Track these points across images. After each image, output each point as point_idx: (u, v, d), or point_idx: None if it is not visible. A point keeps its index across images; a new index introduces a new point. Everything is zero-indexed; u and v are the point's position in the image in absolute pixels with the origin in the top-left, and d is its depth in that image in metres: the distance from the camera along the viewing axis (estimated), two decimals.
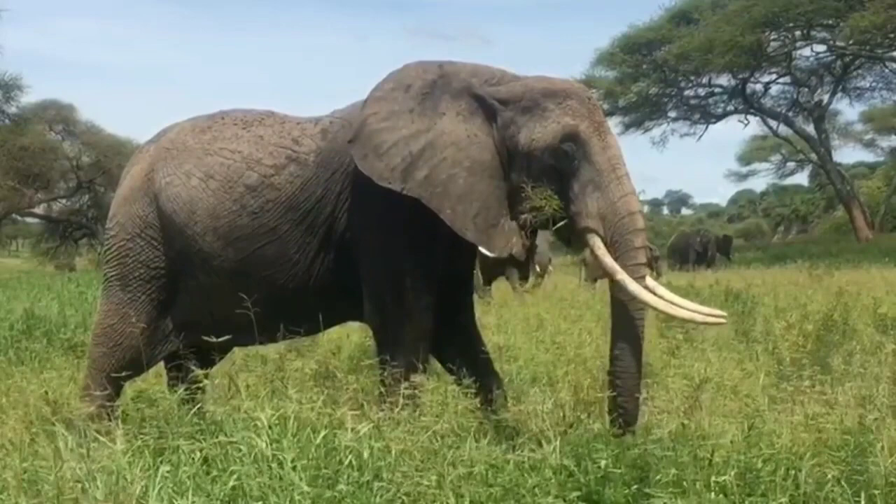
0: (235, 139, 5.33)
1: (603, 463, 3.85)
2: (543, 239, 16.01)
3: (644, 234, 4.80)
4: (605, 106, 39.35)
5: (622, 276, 4.64)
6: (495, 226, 4.92)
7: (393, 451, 3.90)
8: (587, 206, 4.76)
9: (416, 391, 4.65)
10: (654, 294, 4.72)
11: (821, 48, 39.92)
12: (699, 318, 4.81)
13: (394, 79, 5.13)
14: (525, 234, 4.96)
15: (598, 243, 4.75)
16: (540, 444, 4.13)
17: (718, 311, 4.90)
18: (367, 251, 5.09)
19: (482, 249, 5.13)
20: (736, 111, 44.05)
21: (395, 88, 5.07)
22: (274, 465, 3.74)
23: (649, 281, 4.80)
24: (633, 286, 4.63)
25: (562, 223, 4.84)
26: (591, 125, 4.85)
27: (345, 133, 5.16)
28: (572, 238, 5.00)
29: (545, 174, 4.83)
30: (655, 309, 4.71)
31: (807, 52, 40.63)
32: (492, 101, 4.97)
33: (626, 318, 4.74)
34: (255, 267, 5.17)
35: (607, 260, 4.70)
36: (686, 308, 4.81)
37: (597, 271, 13.59)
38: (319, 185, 5.13)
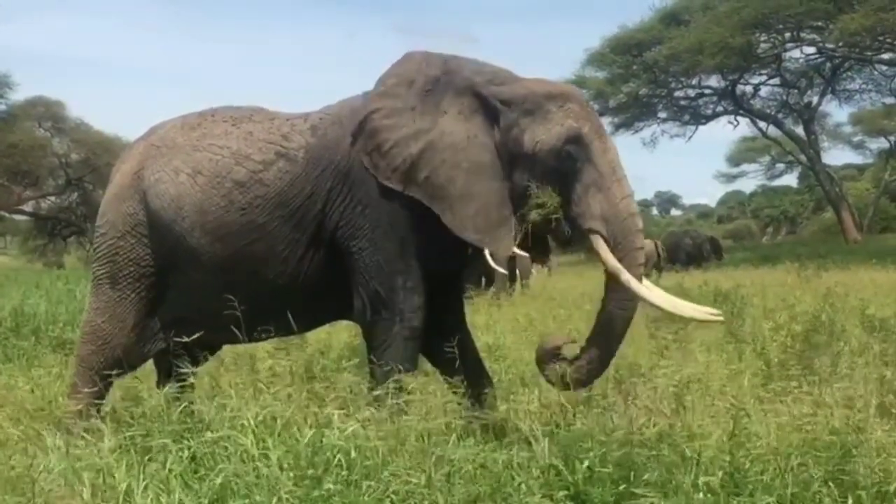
0: (224, 135, 5.31)
1: (590, 462, 3.87)
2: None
3: (642, 234, 4.97)
4: (596, 106, 39.25)
5: (627, 276, 4.76)
6: (498, 225, 4.97)
7: (381, 450, 3.90)
8: (590, 208, 4.86)
9: (405, 390, 4.65)
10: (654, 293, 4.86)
11: (810, 50, 40.06)
12: (699, 315, 4.98)
13: (398, 73, 5.14)
14: (518, 235, 5.01)
15: (601, 244, 4.85)
16: (528, 444, 4.13)
17: (715, 311, 5.04)
18: (357, 250, 5.08)
19: (484, 249, 5.22)
20: (726, 112, 44.17)
21: (398, 84, 5.09)
22: (261, 464, 3.74)
23: (646, 282, 4.95)
24: (636, 285, 4.77)
25: (556, 224, 4.93)
26: (592, 128, 4.95)
27: (335, 130, 5.17)
28: (573, 237, 5.05)
29: (548, 175, 4.90)
30: (656, 306, 4.86)
31: (796, 53, 40.79)
32: (494, 102, 5.00)
33: (612, 314, 4.88)
34: (243, 263, 5.15)
35: (611, 261, 4.81)
36: (685, 307, 4.96)
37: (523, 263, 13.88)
38: (309, 181, 5.12)
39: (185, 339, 5.07)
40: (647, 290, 4.83)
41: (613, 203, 4.86)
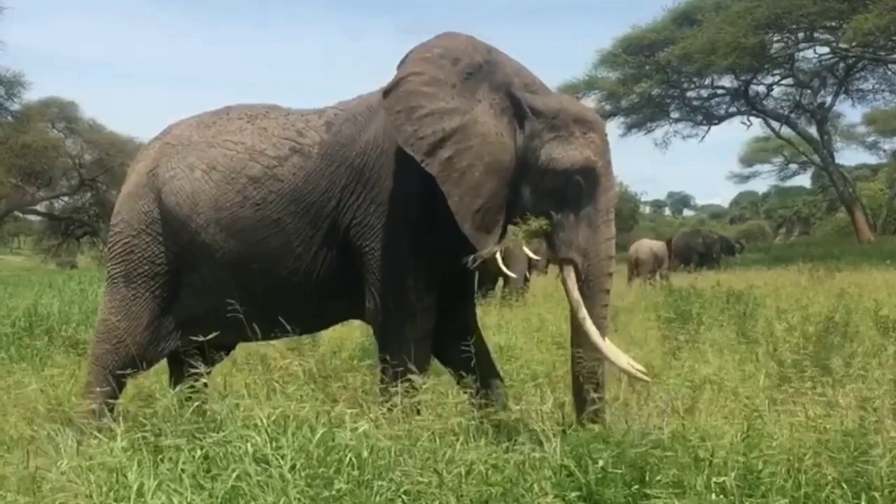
0: (239, 132, 5.33)
1: (603, 463, 3.86)
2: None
3: (612, 278, 5.04)
4: (608, 107, 39.38)
5: (584, 314, 4.86)
6: (490, 226, 4.99)
7: (392, 450, 3.89)
8: (577, 239, 4.92)
9: (417, 390, 4.65)
10: (604, 340, 4.92)
11: (824, 50, 39.83)
12: (632, 371, 4.91)
13: (444, 45, 5.10)
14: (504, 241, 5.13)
15: (572, 276, 4.93)
16: (540, 444, 4.12)
17: (643, 370, 5.02)
18: (369, 249, 5.09)
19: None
20: (738, 113, 43.95)
21: (443, 56, 5.05)
22: (273, 464, 3.74)
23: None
24: (589, 326, 4.84)
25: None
26: (604, 165, 4.99)
27: (350, 127, 5.18)
28: (551, 254, 5.16)
29: (550, 194, 4.94)
30: (601, 352, 4.87)
31: (810, 53, 40.59)
32: (525, 108, 5.00)
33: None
34: (257, 260, 5.16)
35: (575, 294, 4.90)
36: (624, 360, 4.94)
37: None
38: (323, 177, 5.12)
39: (199, 339, 5.08)
40: (597, 335, 4.85)
41: (597, 241, 4.93)
